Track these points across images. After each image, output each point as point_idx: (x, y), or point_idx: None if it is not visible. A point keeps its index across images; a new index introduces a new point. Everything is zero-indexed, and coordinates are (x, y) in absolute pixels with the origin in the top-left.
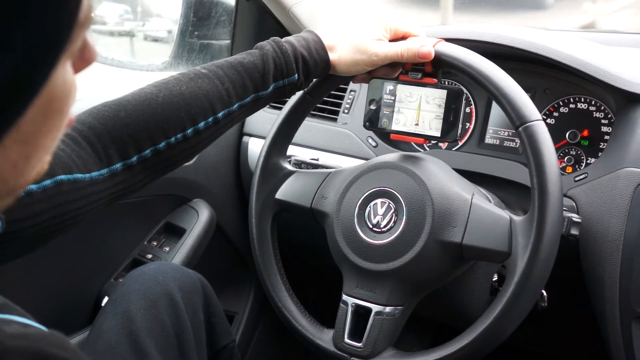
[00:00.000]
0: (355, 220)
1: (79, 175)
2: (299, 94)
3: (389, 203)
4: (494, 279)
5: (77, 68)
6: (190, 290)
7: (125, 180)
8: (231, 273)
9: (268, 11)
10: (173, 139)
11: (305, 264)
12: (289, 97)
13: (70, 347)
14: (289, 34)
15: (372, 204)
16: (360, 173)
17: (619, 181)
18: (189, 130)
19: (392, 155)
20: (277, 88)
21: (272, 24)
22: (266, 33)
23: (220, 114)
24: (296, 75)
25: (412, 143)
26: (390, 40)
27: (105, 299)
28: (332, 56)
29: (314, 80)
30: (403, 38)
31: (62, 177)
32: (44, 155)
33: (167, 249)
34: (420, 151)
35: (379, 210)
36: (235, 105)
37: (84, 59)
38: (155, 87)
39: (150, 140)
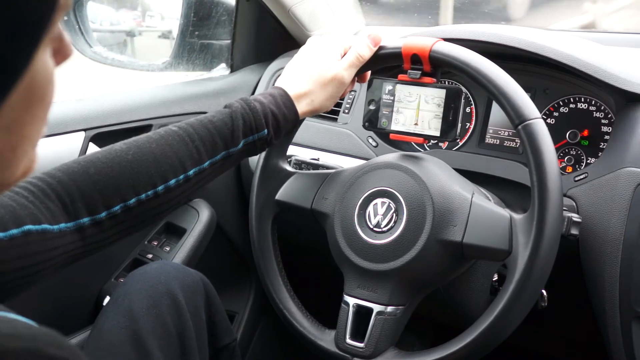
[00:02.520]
0: (356, 220)
1: (47, 226)
2: None
3: (389, 203)
4: (494, 279)
5: (56, 62)
6: (192, 289)
7: (94, 235)
8: (231, 273)
9: (268, 11)
10: (143, 195)
11: (305, 264)
12: (260, 153)
13: (66, 345)
14: (289, 34)
15: (372, 204)
16: (360, 173)
17: (619, 181)
18: (160, 187)
19: (392, 155)
20: (248, 144)
21: (272, 24)
22: (266, 33)
23: (191, 172)
24: (265, 130)
25: (413, 143)
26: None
27: (107, 299)
28: (305, 103)
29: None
30: None
31: (30, 227)
32: (29, 147)
33: (168, 248)
34: (420, 151)
35: (379, 210)
36: (207, 163)
37: (61, 53)
38: (126, 144)
39: (120, 196)
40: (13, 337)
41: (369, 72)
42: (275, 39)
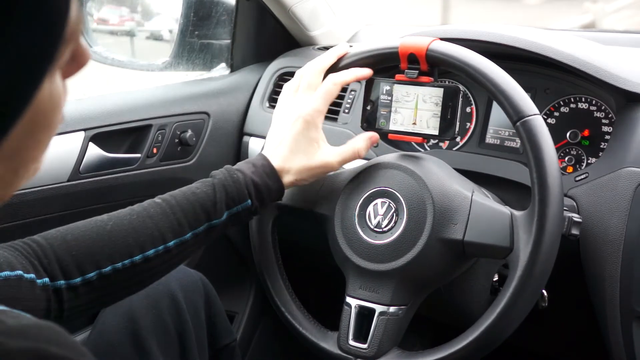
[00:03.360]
0: (356, 221)
1: (25, 275)
2: None
3: (390, 203)
4: (494, 279)
5: (69, 73)
6: (192, 289)
7: (71, 299)
8: (231, 273)
9: (268, 11)
10: (120, 264)
11: (306, 266)
12: (246, 222)
13: (70, 343)
14: (289, 34)
15: (372, 204)
16: (359, 174)
17: (620, 181)
18: (137, 257)
19: (391, 155)
20: (232, 215)
21: (272, 24)
22: (266, 33)
23: (171, 243)
24: (249, 200)
25: (413, 143)
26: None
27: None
28: (289, 178)
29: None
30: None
31: (8, 273)
32: (32, 165)
33: None
34: (420, 151)
35: (380, 211)
36: (188, 235)
37: (76, 64)
38: (108, 216)
39: (94, 263)
40: (17, 335)
41: None
42: (276, 38)
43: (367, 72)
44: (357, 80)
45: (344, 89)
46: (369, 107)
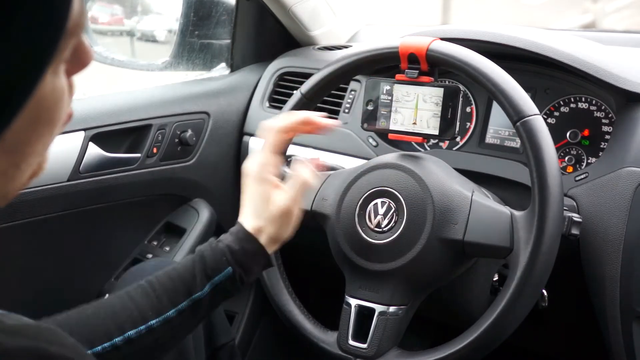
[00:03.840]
0: (356, 220)
1: None
2: (297, 95)
3: (390, 202)
4: (494, 279)
5: (73, 71)
6: None
7: None
8: None
9: (268, 11)
10: (99, 347)
11: (306, 266)
12: (235, 295)
13: (69, 343)
14: (289, 34)
15: (372, 204)
16: (359, 174)
17: (620, 181)
18: (117, 339)
19: (391, 155)
20: (215, 286)
21: (272, 24)
22: (266, 33)
23: (153, 322)
24: (229, 268)
25: (413, 143)
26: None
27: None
28: (265, 237)
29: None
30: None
31: None
32: (35, 160)
33: (168, 248)
34: (420, 151)
35: (380, 210)
36: (172, 312)
37: (79, 62)
38: (91, 304)
39: None
40: (17, 334)
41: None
42: (275, 38)
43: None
44: (295, 124)
45: (343, 89)
46: (369, 107)
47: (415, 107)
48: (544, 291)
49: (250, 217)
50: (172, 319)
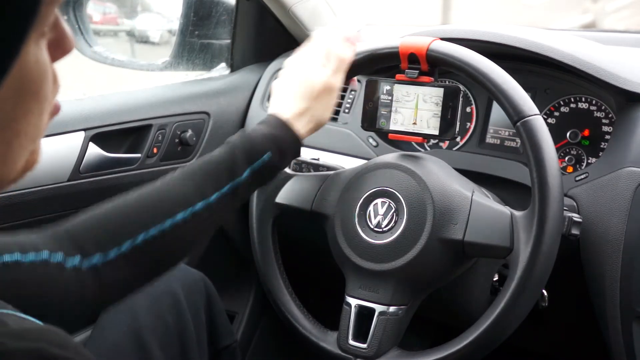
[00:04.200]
0: (356, 220)
1: (52, 259)
2: None
3: (390, 203)
4: (494, 279)
5: (54, 56)
6: (193, 289)
7: (103, 278)
8: (231, 273)
9: (268, 11)
10: (152, 231)
11: (306, 265)
12: (271, 180)
13: (71, 344)
14: (289, 34)
15: (372, 204)
16: (359, 174)
17: (620, 181)
18: (167, 224)
19: (391, 155)
20: (254, 172)
21: (272, 24)
22: (266, 32)
23: (197, 206)
24: (269, 153)
25: (413, 143)
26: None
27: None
28: (305, 122)
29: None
30: None
31: (33, 256)
32: (26, 142)
33: None
34: (420, 151)
35: (380, 210)
36: (213, 197)
37: (60, 47)
38: (129, 192)
39: (128, 234)
40: (18, 336)
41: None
42: (276, 38)
43: None
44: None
45: (344, 89)
46: (369, 107)
47: (416, 107)
48: (544, 291)
49: (289, 103)
50: (212, 204)
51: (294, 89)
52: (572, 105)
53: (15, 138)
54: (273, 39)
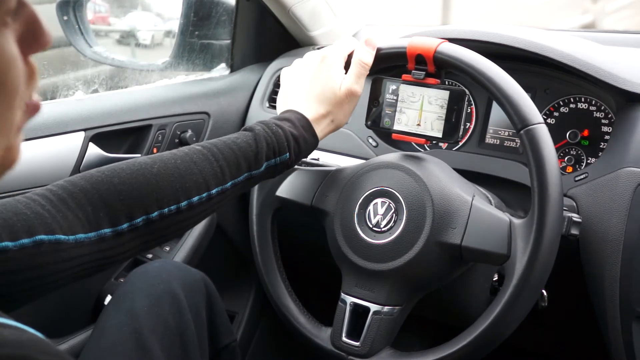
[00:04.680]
0: (356, 219)
1: (62, 237)
2: None
3: (390, 203)
4: (494, 279)
5: (29, 50)
6: (193, 289)
7: (113, 247)
8: (232, 273)
9: (268, 11)
10: (167, 210)
11: (305, 262)
12: (278, 175)
13: (54, 351)
14: (289, 34)
15: (372, 203)
16: (361, 172)
17: (619, 181)
18: (183, 204)
19: (393, 155)
20: (269, 167)
21: (272, 24)
22: (266, 33)
23: (214, 191)
24: (287, 154)
25: (413, 143)
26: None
27: (108, 297)
28: (325, 124)
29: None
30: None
31: (43, 237)
32: (1, 140)
33: (168, 248)
34: (420, 151)
35: (379, 210)
36: (229, 184)
37: (36, 41)
38: (150, 158)
39: (143, 208)
40: (3, 345)
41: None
42: (276, 38)
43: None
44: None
45: None
46: (374, 106)
47: (420, 108)
48: (543, 291)
49: (313, 104)
50: (227, 190)
51: (317, 92)
52: (572, 106)
53: None
54: (273, 39)
